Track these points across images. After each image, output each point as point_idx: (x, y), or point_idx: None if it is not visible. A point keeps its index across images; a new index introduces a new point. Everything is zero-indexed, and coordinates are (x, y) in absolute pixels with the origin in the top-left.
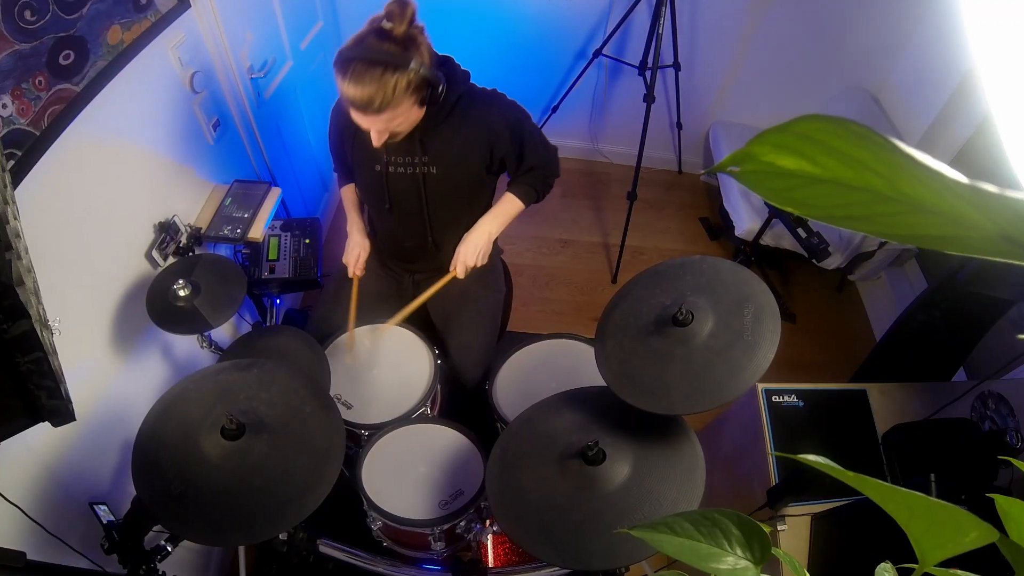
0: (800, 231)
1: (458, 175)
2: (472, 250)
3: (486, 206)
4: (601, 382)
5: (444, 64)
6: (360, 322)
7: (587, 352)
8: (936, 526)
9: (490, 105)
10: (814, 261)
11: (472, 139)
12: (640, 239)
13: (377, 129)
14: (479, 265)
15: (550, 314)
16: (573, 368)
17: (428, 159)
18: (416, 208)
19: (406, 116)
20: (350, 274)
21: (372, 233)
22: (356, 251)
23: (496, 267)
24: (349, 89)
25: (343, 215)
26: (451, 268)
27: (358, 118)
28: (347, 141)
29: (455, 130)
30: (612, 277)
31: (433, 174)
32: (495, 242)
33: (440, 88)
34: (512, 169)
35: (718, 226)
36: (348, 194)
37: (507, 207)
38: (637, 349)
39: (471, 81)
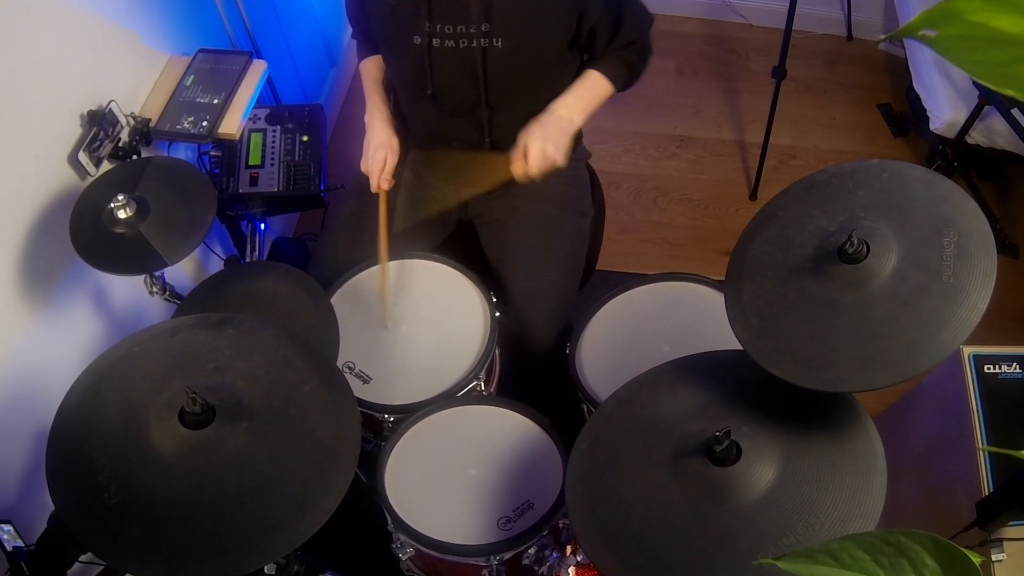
0: (1018, 115)
1: (532, 49)
2: (551, 130)
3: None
4: (734, 344)
5: None
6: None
7: (713, 300)
8: None
9: None
10: None
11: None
12: (791, 136)
13: None
14: (557, 165)
15: (659, 245)
16: (693, 324)
17: (490, 28)
18: (471, 97)
19: None
20: (374, 187)
21: (403, 128)
22: (381, 153)
23: (580, 178)
24: None
25: (358, 100)
26: (514, 162)
27: None
28: (369, 1)
29: None
30: (750, 191)
31: (497, 49)
32: (579, 141)
33: None
34: (602, 43)
35: (905, 117)
36: (369, 69)
37: (592, 86)
38: (787, 296)
39: None
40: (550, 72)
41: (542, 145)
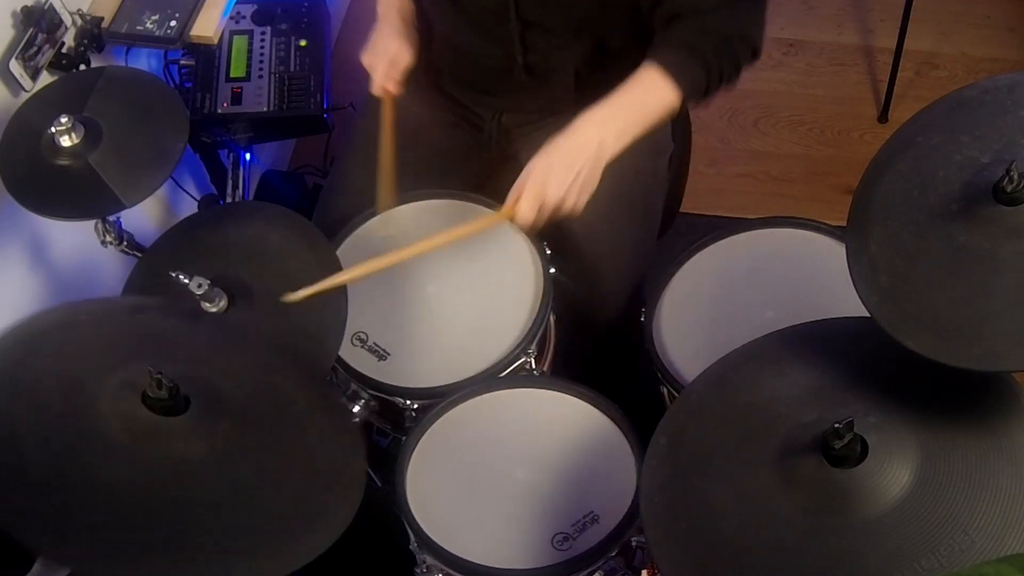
0: None
1: None
2: (557, 170)
3: (625, 15)
4: (858, 310)
5: None
6: (409, 191)
7: (831, 253)
8: None
9: None
10: None
11: None
12: (932, 39)
13: None
14: (568, 210)
15: (761, 180)
16: (804, 283)
17: None
18: (495, 4)
19: None
20: (377, 88)
21: (427, 38)
22: (392, 45)
23: None
24: None
25: None
26: (507, 201)
27: None
28: None
29: None
30: (879, 112)
31: None
32: None
33: None
34: None
35: None
36: None
37: (642, 89)
38: (927, 248)
39: None
40: None
41: (540, 191)
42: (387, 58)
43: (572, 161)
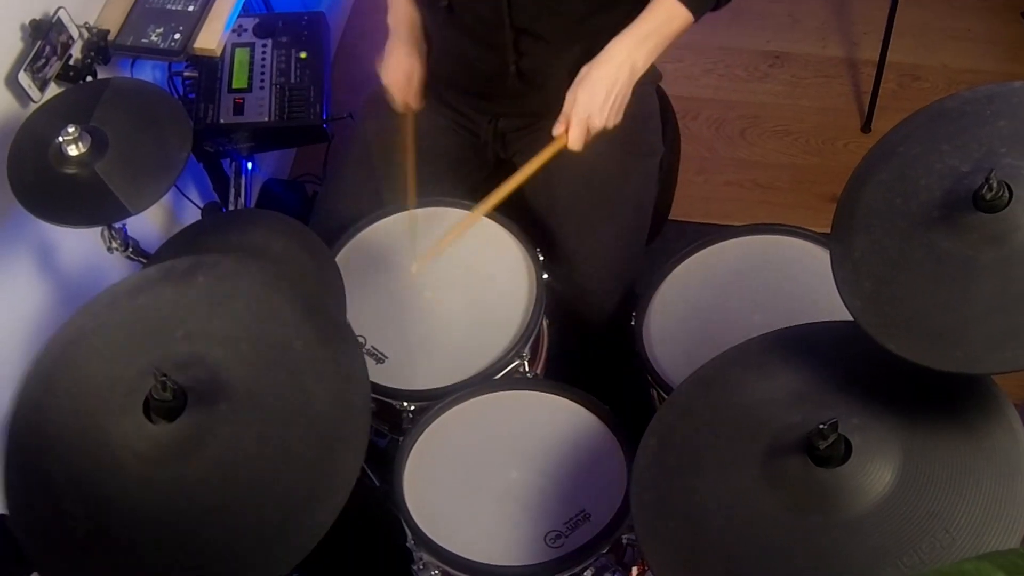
0: None
1: None
2: (598, 98)
3: (620, 17)
4: (842, 314)
5: None
6: (397, 199)
7: (816, 259)
8: None
9: None
10: None
11: None
12: (914, 52)
13: None
14: (610, 127)
15: (748, 188)
16: (790, 288)
17: None
18: (489, 12)
19: None
20: (400, 105)
21: (429, 43)
22: (408, 63)
23: (647, 107)
24: None
25: (369, 7)
26: (556, 129)
27: None
28: None
29: None
30: (863, 122)
31: None
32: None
33: None
34: None
35: None
36: None
37: (662, 17)
38: (909, 254)
39: None
40: None
41: (585, 120)
42: (403, 75)
43: (610, 88)
